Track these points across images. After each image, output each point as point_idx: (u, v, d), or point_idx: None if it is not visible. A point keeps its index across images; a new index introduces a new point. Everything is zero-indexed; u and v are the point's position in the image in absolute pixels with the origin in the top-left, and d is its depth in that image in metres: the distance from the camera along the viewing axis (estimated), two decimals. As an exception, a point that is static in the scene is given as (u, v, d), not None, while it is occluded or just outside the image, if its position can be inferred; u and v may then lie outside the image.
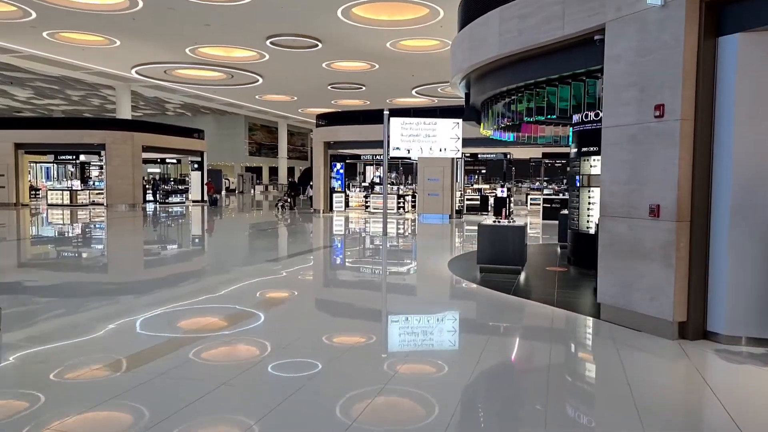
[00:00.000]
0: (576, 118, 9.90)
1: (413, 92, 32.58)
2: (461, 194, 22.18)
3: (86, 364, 4.51)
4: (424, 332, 5.86)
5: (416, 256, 12.46)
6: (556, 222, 19.75)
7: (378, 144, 22.12)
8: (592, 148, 9.48)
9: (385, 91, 32.05)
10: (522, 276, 8.80)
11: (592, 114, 9.40)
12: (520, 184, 42.74)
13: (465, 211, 22.37)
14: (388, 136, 14.79)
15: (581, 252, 9.91)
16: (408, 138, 14.72)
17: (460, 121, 14.86)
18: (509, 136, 11.74)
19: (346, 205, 25.01)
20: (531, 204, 23.40)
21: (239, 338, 5.35)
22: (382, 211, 24.01)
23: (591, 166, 9.54)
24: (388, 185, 27.62)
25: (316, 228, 19.23)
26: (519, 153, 24.76)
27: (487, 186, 27.71)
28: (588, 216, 9.64)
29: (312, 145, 29.98)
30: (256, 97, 36.17)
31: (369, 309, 7.03)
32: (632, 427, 3.46)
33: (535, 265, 9.77)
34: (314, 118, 27.39)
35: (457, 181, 21.84)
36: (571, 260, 10.20)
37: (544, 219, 20.36)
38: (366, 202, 24.42)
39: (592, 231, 9.57)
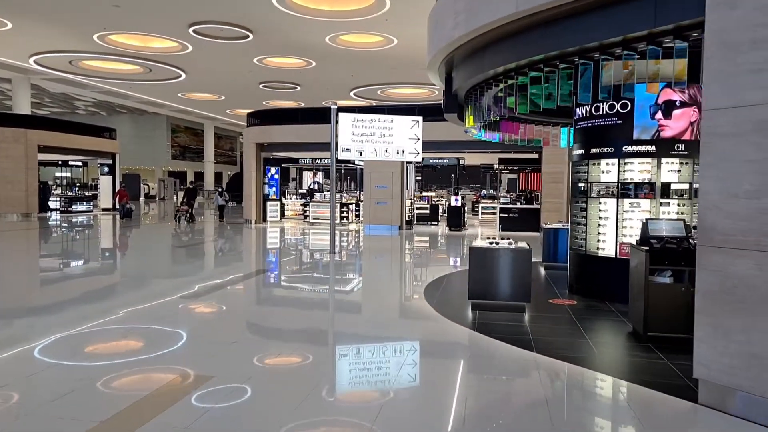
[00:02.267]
0: (580, 112, 7.99)
1: (351, 94, 30.36)
2: (411, 203, 20.11)
3: None
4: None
5: (379, 283, 10.12)
6: (512, 233, 18.23)
7: (319, 146, 19.70)
8: (604, 149, 7.56)
9: (321, 92, 29.60)
10: (527, 316, 6.69)
11: (605, 106, 7.49)
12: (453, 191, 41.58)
13: (415, 222, 20.28)
14: (337, 135, 12.41)
15: (588, 279, 7.97)
16: (360, 138, 12.41)
17: (420, 119, 12.75)
18: (495, 136, 9.71)
19: (282, 214, 22.34)
20: (483, 213, 21.68)
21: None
22: (323, 221, 21.79)
23: (603, 172, 7.61)
24: (326, 192, 25.23)
25: (247, 243, 16.48)
26: (471, 159, 23.15)
27: (433, 194, 25.85)
28: (599, 235, 7.70)
29: (242, 149, 27.11)
30: (179, 95, 32.63)
31: (329, 392, 4.61)
32: None
33: (532, 295, 7.69)
34: (244, 119, 24.57)
35: (407, 188, 19.73)
36: (573, 288, 8.24)
37: (502, 230, 18.61)
38: (304, 211, 21.84)
39: (604, 253, 7.65)
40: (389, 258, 13.65)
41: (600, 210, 7.67)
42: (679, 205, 7.25)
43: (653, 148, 7.19)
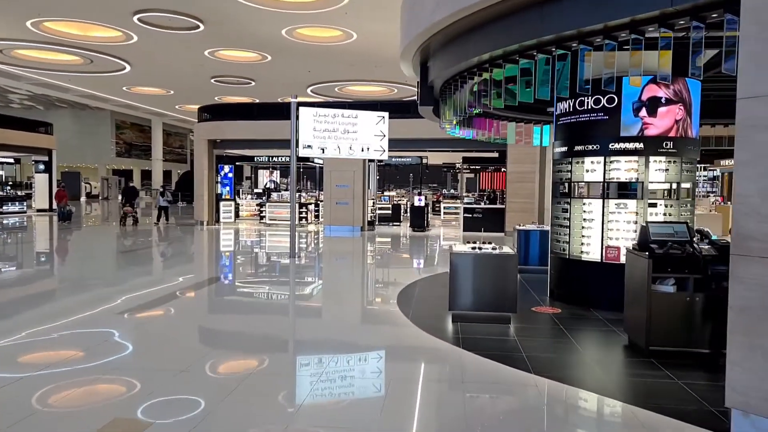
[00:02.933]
0: (562, 107, 7.52)
1: (309, 91, 29.41)
2: (374, 203, 19.45)
3: None
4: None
5: (348, 292, 9.35)
6: (477, 233, 17.78)
7: (277, 143, 18.77)
8: (589, 147, 7.11)
9: (277, 88, 28.52)
10: (512, 328, 6.14)
11: (590, 100, 7.03)
12: (414, 191, 41.30)
13: (377, 222, 19.62)
14: (297, 131, 11.62)
15: (570, 284, 7.51)
16: (322, 134, 11.65)
17: (385, 114, 12.11)
18: (469, 133, 9.16)
19: (237, 215, 21.28)
20: (445, 213, 21.23)
21: None
22: (280, 222, 20.85)
23: (587, 171, 7.16)
24: (283, 191, 24.24)
25: (199, 246, 15.41)
26: (432, 158, 22.68)
27: (394, 193, 25.28)
28: (583, 237, 7.25)
29: (192, 147, 25.78)
30: (124, 89, 30.82)
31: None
32: None
33: (512, 303, 7.16)
34: (194, 115, 23.30)
35: (369, 187, 19.05)
36: (554, 294, 7.77)
37: (465, 231, 18.19)
38: (261, 211, 20.83)
39: (588, 257, 7.21)
40: (355, 262, 12.93)
41: (584, 211, 7.22)
42: (666, 206, 6.87)
43: (641, 145, 6.78)
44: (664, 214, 6.85)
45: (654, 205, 6.85)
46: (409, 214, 20.38)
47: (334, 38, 19.08)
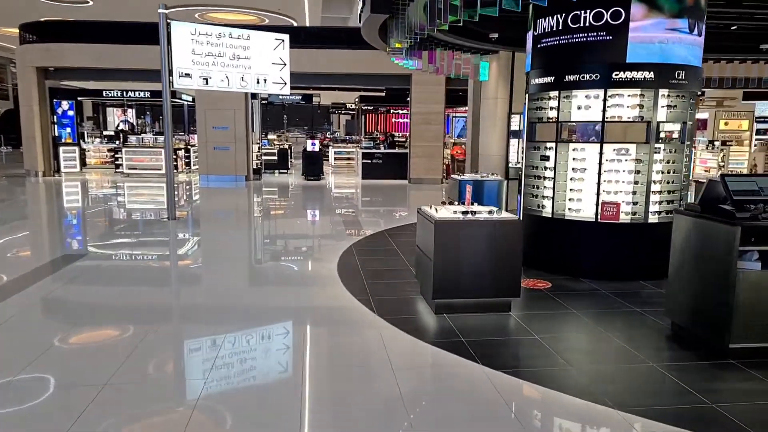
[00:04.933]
0: (544, 25, 5.91)
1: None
2: (259, 148, 16.82)
3: None
4: None
5: (265, 266, 7.11)
6: (379, 181, 16.05)
7: (134, 74, 15.29)
8: (586, 76, 5.61)
9: (122, 11, 23.65)
10: (515, 318, 4.62)
11: (589, 15, 5.50)
12: (288, 133, 38.66)
13: (263, 170, 17.04)
14: (170, 55, 8.83)
15: (551, 249, 6.16)
16: (204, 59, 9.00)
17: (286, 37, 9.70)
18: (419, 63, 7.29)
19: (83, 163, 17.46)
20: (336, 159, 19.22)
21: None
22: (142, 171, 17.28)
23: (579, 107, 5.69)
24: (143, 134, 20.43)
25: (35, 209, 11.91)
26: (323, 98, 20.31)
27: (275, 137, 22.59)
28: (569, 191, 5.86)
29: (15, 81, 20.66)
30: None
31: None
32: None
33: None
34: (15, 41, 18.33)
35: (253, 130, 16.41)
36: (528, 261, 6.38)
37: (364, 179, 16.49)
38: (115, 159, 17.19)
39: (576, 216, 5.87)
40: (255, 222, 10.48)
41: (573, 159, 5.81)
42: (668, 151, 5.68)
43: (651, 75, 5.42)
44: (667, 161, 5.68)
45: (656, 151, 5.63)
46: (298, 161, 18.14)
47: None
